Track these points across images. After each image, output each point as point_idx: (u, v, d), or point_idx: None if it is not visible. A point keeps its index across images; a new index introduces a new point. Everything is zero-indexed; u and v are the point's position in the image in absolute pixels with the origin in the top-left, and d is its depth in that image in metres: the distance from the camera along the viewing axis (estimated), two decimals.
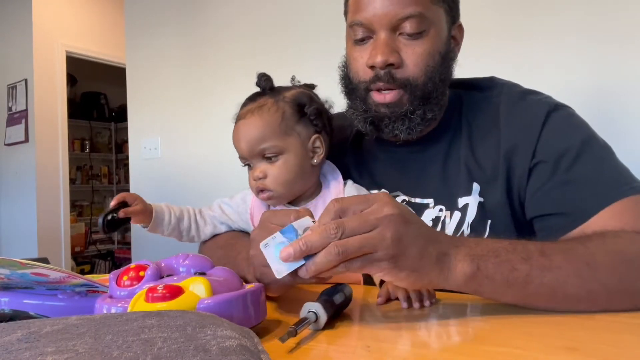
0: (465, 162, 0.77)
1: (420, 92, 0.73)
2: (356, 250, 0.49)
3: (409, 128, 0.75)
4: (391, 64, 0.72)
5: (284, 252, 0.50)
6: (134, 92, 2.64)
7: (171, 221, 0.83)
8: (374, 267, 0.50)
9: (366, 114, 0.76)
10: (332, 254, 0.48)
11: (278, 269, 0.51)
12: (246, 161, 0.80)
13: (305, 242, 0.49)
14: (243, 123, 0.78)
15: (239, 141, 0.78)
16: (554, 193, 0.69)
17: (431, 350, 0.47)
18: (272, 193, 0.77)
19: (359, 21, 0.73)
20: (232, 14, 2.23)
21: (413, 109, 0.74)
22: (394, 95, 0.73)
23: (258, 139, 0.76)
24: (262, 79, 0.80)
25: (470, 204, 0.75)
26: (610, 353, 0.43)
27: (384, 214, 0.50)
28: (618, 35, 1.33)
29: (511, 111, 0.75)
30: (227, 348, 0.33)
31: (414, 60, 0.72)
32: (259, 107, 0.77)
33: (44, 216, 3.55)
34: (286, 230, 0.52)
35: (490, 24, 1.52)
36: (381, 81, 0.73)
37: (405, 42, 0.72)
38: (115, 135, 5.32)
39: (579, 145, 0.69)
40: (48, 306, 0.52)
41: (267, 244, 0.52)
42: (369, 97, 0.75)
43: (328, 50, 1.42)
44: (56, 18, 3.68)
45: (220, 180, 2.23)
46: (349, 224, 0.49)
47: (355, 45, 0.76)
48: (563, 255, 0.55)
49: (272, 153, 0.76)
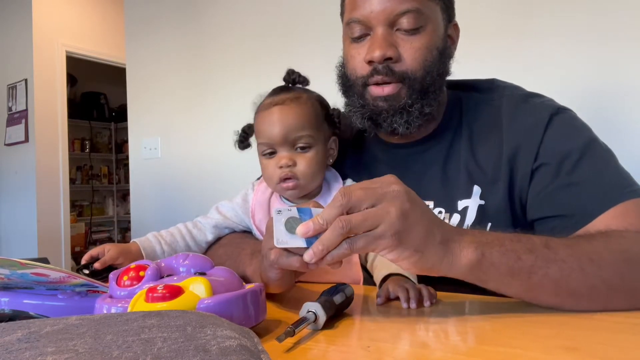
0: (465, 164, 0.77)
1: (419, 85, 0.74)
2: (360, 223, 0.49)
3: (407, 122, 0.75)
4: (389, 57, 0.72)
5: (302, 227, 0.50)
6: (134, 92, 2.64)
7: (164, 250, 0.82)
8: (377, 244, 0.50)
9: (364, 109, 0.77)
10: (337, 229, 0.48)
11: (280, 237, 0.51)
12: (270, 149, 0.78)
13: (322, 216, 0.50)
14: (280, 109, 0.77)
15: (273, 125, 0.76)
16: (556, 195, 0.69)
17: (431, 350, 0.46)
18: (298, 182, 0.77)
19: (357, 18, 0.74)
20: (232, 14, 2.23)
21: (411, 103, 0.74)
22: (393, 88, 0.74)
23: (297, 126, 0.76)
24: (293, 74, 0.81)
25: (470, 206, 0.75)
26: (610, 353, 0.43)
27: (390, 189, 0.50)
28: (618, 35, 1.33)
29: (514, 114, 0.75)
30: (227, 348, 0.33)
31: (412, 54, 0.73)
32: (296, 98, 0.78)
33: (44, 216, 3.55)
34: (302, 210, 0.53)
35: (490, 25, 1.52)
36: (379, 74, 0.73)
37: (403, 37, 0.73)
38: (115, 135, 5.32)
39: (581, 148, 0.69)
40: (48, 306, 0.52)
41: (280, 211, 0.52)
42: (367, 92, 0.76)
43: (327, 51, 1.42)
44: (56, 18, 3.68)
45: (220, 180, 2.24)
46: (355, 193, 0.50)
47: (352, 43, 0.77)
48: (567, 249, 0.55)
49: (305, 143, 0.77)
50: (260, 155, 0.80)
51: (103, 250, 0.76)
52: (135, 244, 0.81)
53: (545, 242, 0.56)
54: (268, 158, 0.78)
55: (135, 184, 2.65)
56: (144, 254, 0.80)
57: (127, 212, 4.79)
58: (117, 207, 5.27)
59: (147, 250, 0.81)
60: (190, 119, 2.38)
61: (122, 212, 5.22)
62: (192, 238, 0.86)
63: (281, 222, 0.52)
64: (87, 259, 0.75)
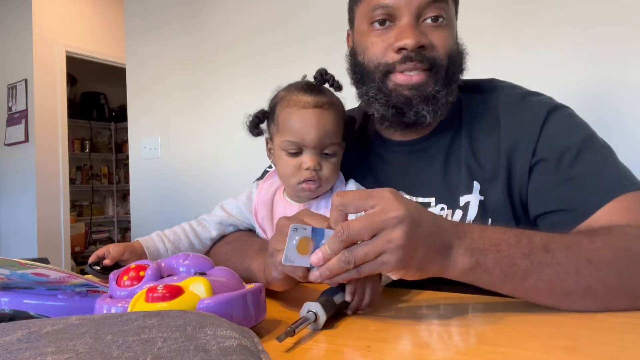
0: (465, 160, 0.77)
1: (445, 73, 0.75)
2: (364, 257, 0.50)
3: (434, 110, 0.75)
4: (422, 45, 0.73)
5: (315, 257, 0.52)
6: (134, 92, 2.64)
7: (167, 249, 0.82)
8: (382, 269, 0.52)
9: (388, 97, 0.76)
10: (342, 262, 0.51)
11: (289, 255, 0.53)
12: (297, 149, 0.76)
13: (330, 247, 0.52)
14: (320, 112, 0.76)
15: (309, 127, 0.75)
16: (556, 190, 0.69)
17: (431, 350, 0.46)
18: (319, 186, 0.78)
19: (385, 4, 0.74)
20: (232, 14, 2.23)
21: (438, 90, 0.74)
22: (421, 76, 0.74)
23: (331, 133, 0.76)
24: (327, 75, 0.80)
25: (472, 202, 0.75)
26: (610, 353, 0.43)
27: (389, 216, 0.50)
28: (618, 35, 1.33)
29: (511, 111, 0.76)
30: (227, 348, 0.33)
31: (440, 43, 0.74)
32: (333, 103, 0.78)
33: (44, 216, 3.55)
34: (317, 231, 0.54)
35: (490, 25, 1.53)
36: (412, 61, 0.73)
37: (429, 27, 0.74)
38: (115, 135, 5.31)
39: (579, 144, 0.69)
40: (48, 306, 0.52)
41: (296, 229, 0.53)
42: (389, 80, 0.76)
43: (327, 48, 1.42)
44: (56, 18, 3.68)
45: (220, 180, 2.24)
46: (354, 226, 0.50)
47: (373, 30, 0.76)
48: (566, 250, 0.55)
49: (333, 150, 0.78)
50: (279, 149, 0.78)
51: (108, 249, 0.77)
52: (138, 242, 0.81)
53: (545, 244, 0.55)
54: (291, 156, 0.77)
55: (135, 184, 2.65)
56: (147, 253, 0.79)
57: (127, 212, 4.79)
58: (117, 207, 5.27)
59: (151, 249, 0.80)
60: (191, 119, 2.38)
61: (122, 212, 5.22)
62: (195, 236, 0.85)
63: (295, 239, 0.53)
64: (94, 259, 0.75)
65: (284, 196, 0.83)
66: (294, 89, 0.79)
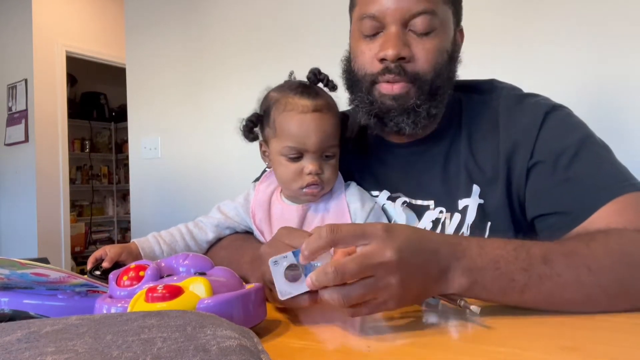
0: (465, 163, 0.77)
1: (428, 87, 0.73)
2: (359, 298, 0.48)
3: (414, 122, 0.74)
4: (402, 57, 0.72)
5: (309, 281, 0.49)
6: (134, 92, 2.64)
7: (163, 250, 0.82)
8: (381, 309, 0.51)
9: (371, 106, 0.76)
10: (335, 300, 0.48)
11: (282, 289, 0.51)
12: (298, 153, 0.76)
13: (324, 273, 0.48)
14: (320, 116, 0.75)
15: (309, 132, 0.74)
16: (553, 192, 0.69)
17: (431, 350, 0.46)
18: (322, 189, 0.77)
19: (371, 14, 0.73)
20: (232, 14, 2.23)
21: (420, 103, 0.73)
22: (402, 87, 0.73)
23: (331, 136, 0.76)
24: (320, 75, 0.78)
25: (470, 205, 0.75)
26: (610, 353, 0.43)
27: (384, 259, 0.48)
28: (620, 34, 1.33)
29: (510, 113, 0.76)
30: (227, 348, 0.33)
31: (424, 55, 0.72)
32: (330, 106, 0.77)
33: (44, 216, 3.55)
34: (297, 252, 0.51)
35: (490, 26, 1.52)
36: (391, 73, 0.72)
37: (416, 37, 0.72)
38: (115, 135, 5.32)
39: (577, 144, 0.69)
40: (48, 306, 0.52)
41: (276, 261, 0.51)
42: (375, 89, 0.75)
43: (325, 47, 1.42)
44: (56, 18, 3.68)
45: (220, 180, 2.23)
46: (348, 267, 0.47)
47: (363, 39, 0.76)
48: (565, 260, 0.55)
49: (333, 152, 0.77)
50: (278, 154, 0.77)
51: (105, 251, 0.77)
52: (134, 244, 0.81)
53: (544, 255, 0.54)
54: (291, 161, 0.76)
55: (135, 184, 2.65)
56: (142, 254, 0.79)
57: (127, 212, 4.79)
58: (117, 207, 5.27)
59: (146, 250, 0.81)
60: (191, 119, 2.38)
61: (122, 212, 5.22)
62: (192, 238, 0.85)
63: (280, 273, 0.51)
64: (93, 262, 0.75)
65: (281, 197, 0.83)
66: (288, 90, 0.78)
